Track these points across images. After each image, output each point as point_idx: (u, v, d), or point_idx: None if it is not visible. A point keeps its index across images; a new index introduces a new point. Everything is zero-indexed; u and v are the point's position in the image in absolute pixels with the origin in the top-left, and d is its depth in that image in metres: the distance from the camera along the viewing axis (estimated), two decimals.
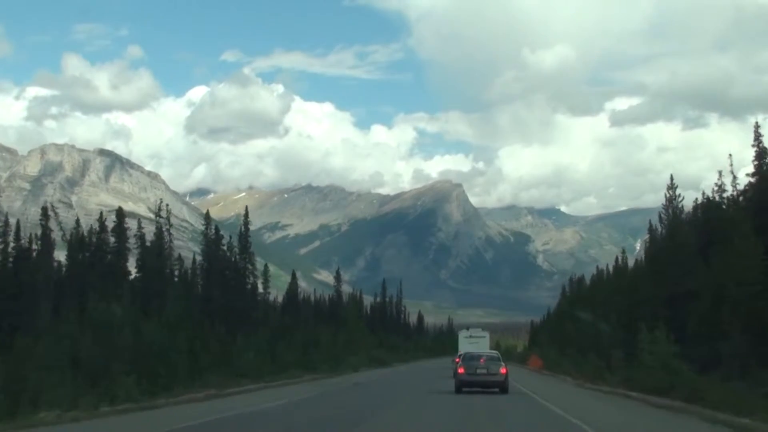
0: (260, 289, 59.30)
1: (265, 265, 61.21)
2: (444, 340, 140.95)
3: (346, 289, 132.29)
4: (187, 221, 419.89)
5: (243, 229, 49.81)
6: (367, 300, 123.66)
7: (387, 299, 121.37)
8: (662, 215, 29.95)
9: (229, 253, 47.33)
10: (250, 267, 49.99)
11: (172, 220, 46.46)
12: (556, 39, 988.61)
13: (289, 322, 48.12)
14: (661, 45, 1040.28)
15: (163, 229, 43.09)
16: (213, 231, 46.19)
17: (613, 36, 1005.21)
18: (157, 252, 39.05)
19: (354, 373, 45.52)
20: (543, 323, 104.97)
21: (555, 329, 68.73)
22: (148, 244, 42.00)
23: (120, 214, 37.79)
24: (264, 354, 34.09)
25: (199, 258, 52.11)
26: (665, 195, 30.16)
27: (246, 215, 51.60)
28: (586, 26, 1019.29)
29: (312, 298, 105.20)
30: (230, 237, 49.21)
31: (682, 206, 29.63)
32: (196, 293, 44.00)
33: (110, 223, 41.92)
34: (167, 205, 42.14)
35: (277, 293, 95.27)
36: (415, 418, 19.11)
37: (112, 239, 37.99)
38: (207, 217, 48.12)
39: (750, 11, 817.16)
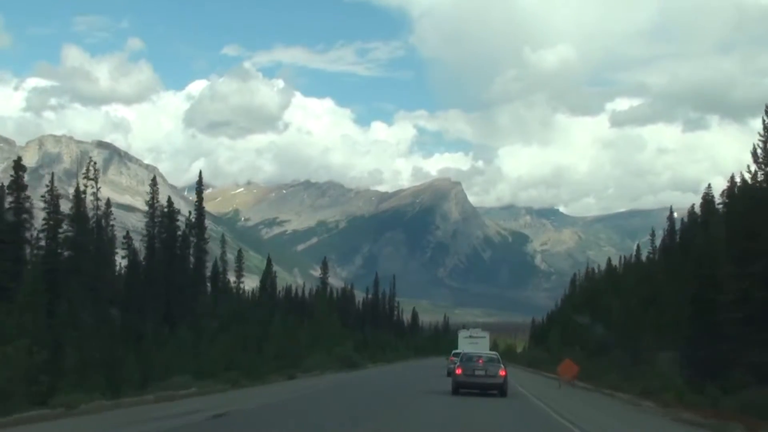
0: (234, 278, 53.17)
1: (239, 251, 54.68)
2: (439, 339, 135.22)
3: (337, 284, 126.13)
4: (184, 216, 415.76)
5: (197, 199, 42.48)
6: (361, 297, 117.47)
7: (380, 295, 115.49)
8: (758, 152, 22.15)
9: (187, 232, 40.54)
10: (206, 247, 43.03)
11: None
12: (558, 38, 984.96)
13: (243, 312, 40.07)
14: (663, 46, 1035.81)
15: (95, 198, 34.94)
16: (165, 204, 39.40)
17: (614, 36, 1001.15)
18: (72, 221, 31.78)
19: (287, 381, 32.49)
20: (548, 321, 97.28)
21: (565, 328, 61.12)
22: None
23: (19, 166, 29.85)
24: (184, 352, 26.70)
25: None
26: (763, 120, 22.36)
27: (199, 182, 44.28)
28: (587, 26, 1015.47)
29: (302, 291, 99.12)
30: (189, 213, 42.32)
31: None
32: (141, 275, 37.47)
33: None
34: (94, 162, 34.85)
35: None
36: None
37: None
38: (154, 182, 40.91)
39: (752, 13, 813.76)
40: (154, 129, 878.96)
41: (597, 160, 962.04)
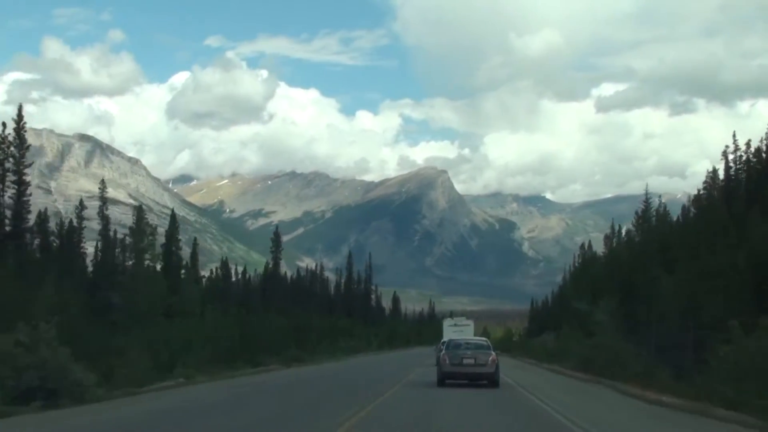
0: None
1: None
2: (422, 328, 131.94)
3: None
4: (168, 208, 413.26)
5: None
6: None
7: (354, 278, 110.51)
8: None
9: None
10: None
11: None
12: (543, 23, 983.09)
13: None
14: (649, 30, 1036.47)
15: None
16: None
17: (600, 21, 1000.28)
18: None
19: None
20: (553, 305, 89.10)
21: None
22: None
23: None
24: None
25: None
26: None
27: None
28: (573, 11, 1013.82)
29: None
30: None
31: None
32: None
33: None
34: None
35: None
36: None
37: None
38: None
39: None
40: (138, 121, 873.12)
41: (583, 146, 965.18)
